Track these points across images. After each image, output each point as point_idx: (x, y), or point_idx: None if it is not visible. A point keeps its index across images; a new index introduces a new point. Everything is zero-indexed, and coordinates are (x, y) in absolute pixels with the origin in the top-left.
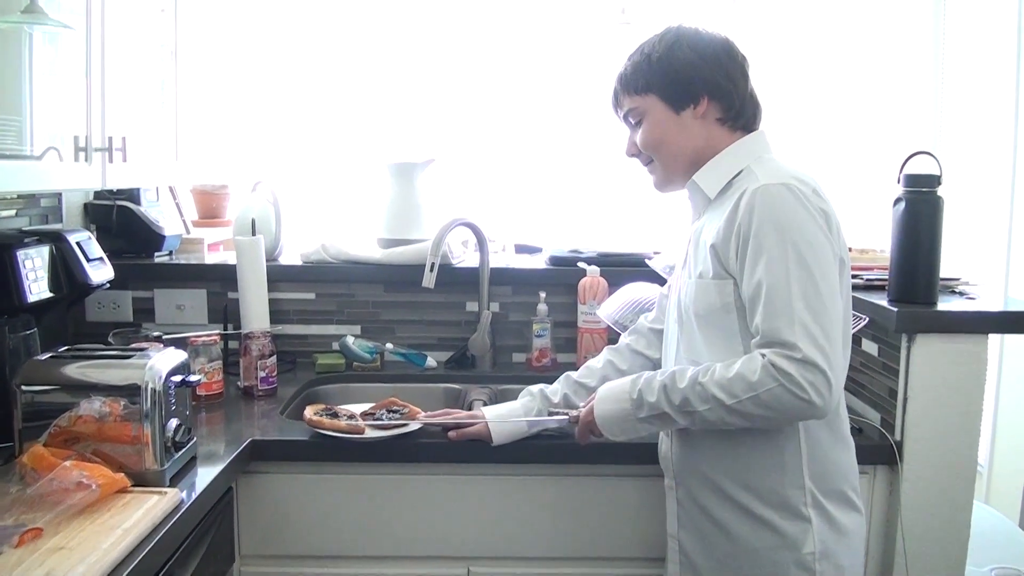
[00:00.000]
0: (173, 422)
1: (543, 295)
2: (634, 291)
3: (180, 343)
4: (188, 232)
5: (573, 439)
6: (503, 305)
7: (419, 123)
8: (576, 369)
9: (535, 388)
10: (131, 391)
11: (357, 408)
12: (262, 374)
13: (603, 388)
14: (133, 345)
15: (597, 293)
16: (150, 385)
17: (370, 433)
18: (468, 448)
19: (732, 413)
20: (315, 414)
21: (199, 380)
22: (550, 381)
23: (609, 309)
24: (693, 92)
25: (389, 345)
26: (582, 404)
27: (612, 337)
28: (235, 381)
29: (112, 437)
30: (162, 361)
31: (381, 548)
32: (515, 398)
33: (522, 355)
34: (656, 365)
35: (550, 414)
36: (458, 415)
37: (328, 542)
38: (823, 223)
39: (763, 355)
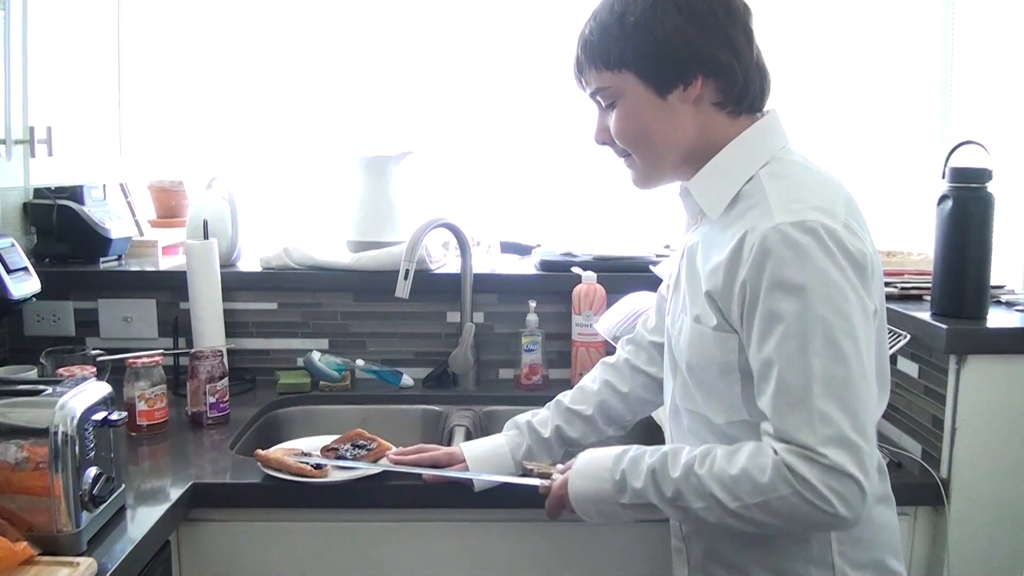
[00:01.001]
0: (91, 472)
1: (533, 304)
2: (637, 301)
3: (117, 365)
4: (141, 234)
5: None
6: (488, 315)
7: (393, 112)
8: (571, 387)
9: (522, 419)
10: (41, 435)
11: (318, 441)
12: (211, 399)
13: (583, 458)
14: (62, 370)
15: (594, 302)
16: (60, 428)
17: (332, 474)
18: (445, 492)
19: (735, 517)
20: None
21: (123, 419)
22: (541, 402)
23: (608, 323)
24: (682, 70)
25: (360, 361)
26: (560, 466)
27: (611, 351)
28: (186, 405)
29: (22, 489)
30: (79, 397)
31: None
32: (502, 422)
33: (510, 371)
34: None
35: (524, 472)
36: (433, 453)
37: None
38: (855, 276)
39: (775, 451)
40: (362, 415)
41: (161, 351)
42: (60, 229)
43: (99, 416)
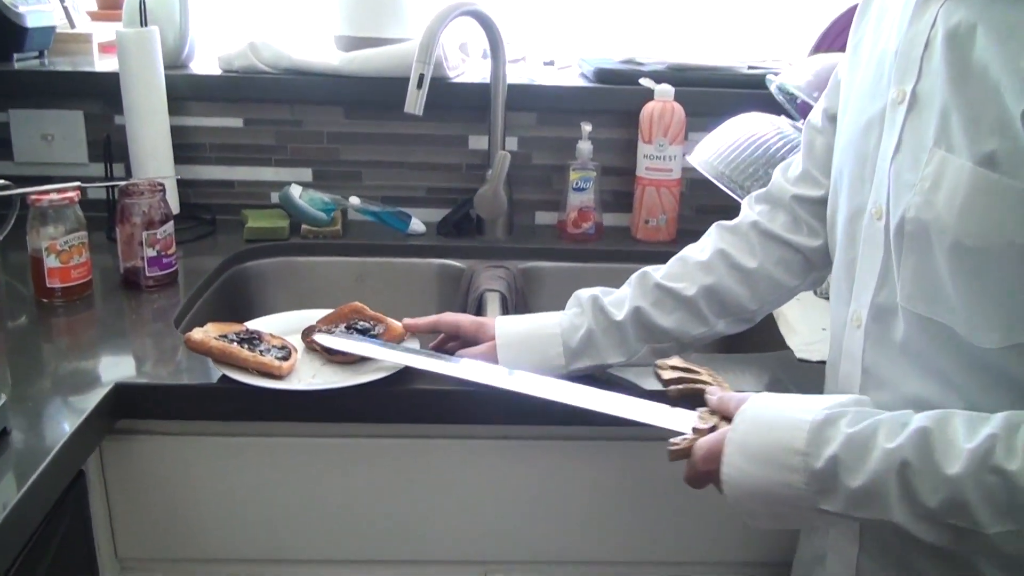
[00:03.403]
0: None
1: (587, 128)
2: (746, 127)
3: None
4: (72, 25)
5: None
6: (524, 141)
7: None
8: (631, 239)
9: (585, 294)
10: None
11: (295, 319)
12: (150, 252)
13: (752, 412)
14: None
15: (671, 126)
16: None
17: (312, 376)
18: (474, 399)
19: None
20: (218, 336)
21: None
22: (593, 257)
23: (706, 153)
24: None
25: (354, 199)
26: (699, 420)
27: (694, 194)
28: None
29: None
30: None
31: (340, 549)
32: (544, 283)
33: (551, 216)
34: (816, 264)
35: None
36: (456, 317)
37: (252, 540)
38: None
39: None
40: (357, 271)
41: (77, 184)
42: None
43: None
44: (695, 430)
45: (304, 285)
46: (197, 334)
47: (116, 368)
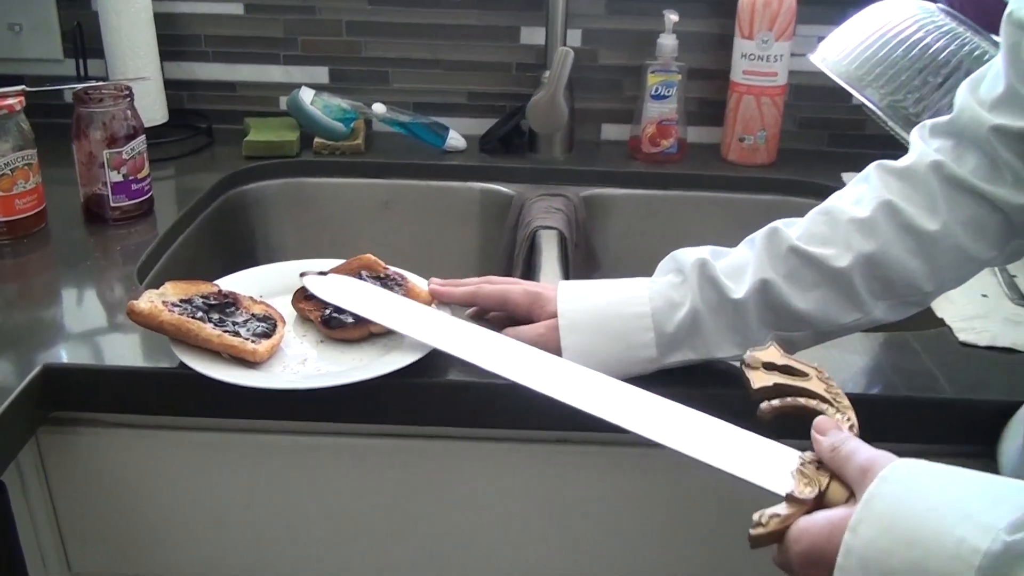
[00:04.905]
0: None
1: (672, 18)
2: (888, 16)
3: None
4: None
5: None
6: (589, 35)
7: None
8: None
9: (688, 257)
10: None
11: (287, 273)
12: (115, 177)
13: (886, 499)
14: None
15: (777, 17)
16: None
17: (303, 361)
18: (506, 399)
19: None
20: (178, 301)
21: None
22: (677, 182)
23: (835, 52)
24: None
25: (379, 107)
26: (799, 480)
27: (802, 112)
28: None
29: None
30: None
31: (339, 567)
32: (611, 215)
33: (622, 130)
34: (1021, 229)
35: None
36: (505, 285)
37: (234, 554)
38: None
39: None
40: (381, 196)
41: (21, 88)
42: None
43: None
44: (791, 499)
45: (316, 214)
46: (144, 302)
47: (54, 341)
